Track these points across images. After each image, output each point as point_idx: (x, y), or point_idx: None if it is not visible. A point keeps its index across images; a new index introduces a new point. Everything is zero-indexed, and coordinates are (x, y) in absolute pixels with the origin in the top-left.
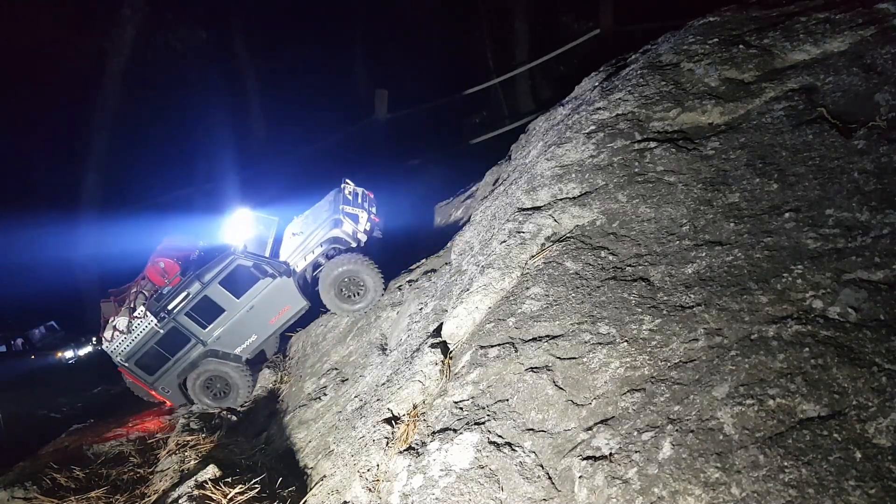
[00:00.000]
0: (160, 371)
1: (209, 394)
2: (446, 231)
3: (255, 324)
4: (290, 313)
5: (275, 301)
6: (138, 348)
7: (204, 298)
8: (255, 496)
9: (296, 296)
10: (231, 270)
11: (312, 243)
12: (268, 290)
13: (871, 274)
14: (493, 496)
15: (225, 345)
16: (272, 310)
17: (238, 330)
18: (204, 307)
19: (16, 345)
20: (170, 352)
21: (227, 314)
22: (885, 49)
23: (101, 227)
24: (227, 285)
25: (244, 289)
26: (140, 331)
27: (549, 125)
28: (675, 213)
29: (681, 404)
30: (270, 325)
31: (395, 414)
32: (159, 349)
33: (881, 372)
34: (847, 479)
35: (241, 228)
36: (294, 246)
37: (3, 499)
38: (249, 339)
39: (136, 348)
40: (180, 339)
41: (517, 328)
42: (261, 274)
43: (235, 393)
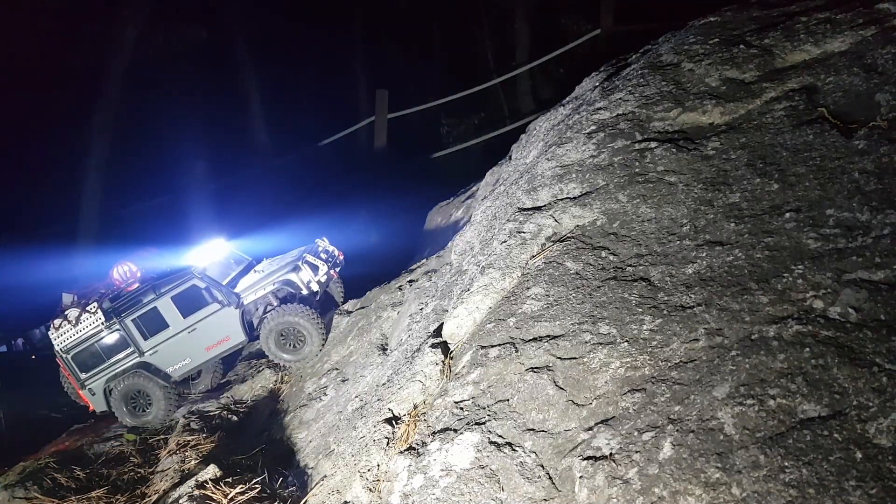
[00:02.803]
0: (93, 371)
1: (130, 406)
2: (446, 231)
3: (192, 347)
4: (227, 345)
5: (216, 329)
6: (80, 342)
7: (153, 310)
8: (255, 496)
9: (237, 329)
10: (185, 289)
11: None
12: (213, 316)
13: (872, 274)
14: (493, 496)
15: (158, 361)
16: (212, 337)
17: (175, 349)
18: (151, 318)
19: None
20: (107, 354)
21: (169, 330)
22: (885, 49)
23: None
24: (177, 302)
25: (192, 310)
26: (86, 325)
27: (549, 125)
28: (676, 213)
29: (681, 404)
30: (206, 353)
31: (395, 414)
32: (98, 349)
33: (882, 372)
34: (847, 479)
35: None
36: (251, 281)
37: (4, 499)
38: (183, 361)
39: (77, 342)
40: (120, 344)
41: (518, 328)
42: (211, 299)
43: (154, 412)
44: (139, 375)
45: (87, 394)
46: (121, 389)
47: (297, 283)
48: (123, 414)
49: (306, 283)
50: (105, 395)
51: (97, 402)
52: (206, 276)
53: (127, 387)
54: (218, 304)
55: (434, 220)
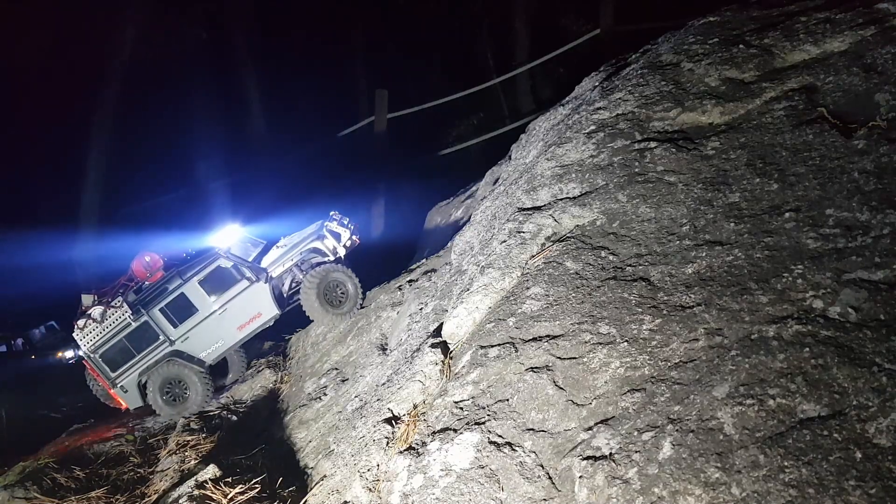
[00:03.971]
0: (123, 368)
1: (167, 397)
2: (446, 231)
3: (223, 328)
4: (259, 321)
5: (247, 307)
6: (107, 340)
7: (180, 296)
8: (255, 496)
9: (269, 303)
10: (212, 270)
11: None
12: (243, 294)
13: (872, 274)
14: (493, 496)
15: (191, 347)
16: (243, 316)
17: (206, 333)
18: (179, 305)
19: (16, 345)
20: (137, 348)
21: (198, 314)
22: (885, 49)
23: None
24: (204, 285)
25: (220, 291)
26: (113, 321)
27: (549, 125)
28: (676, 213)
29: (681, 404)
30: (238, 332)
31: (395, 414)
32: (127, 344)
33: (881, 372)
34: (847, 479)
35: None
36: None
37: (4, 499)
38: (216, 345)
39: (105, 339)
40: (149, 336)
41: (517, 328)
42: (239, 276)
43: (193, 399)
44: (173, 363)
45: (118, 392)
46: (155, 381)
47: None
48: (160, 406)
49: (332, 250)
50: (139, 389)
51: (131, 398)
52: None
53: (161, 377)
54: (246, 281)
55: (434, 220)
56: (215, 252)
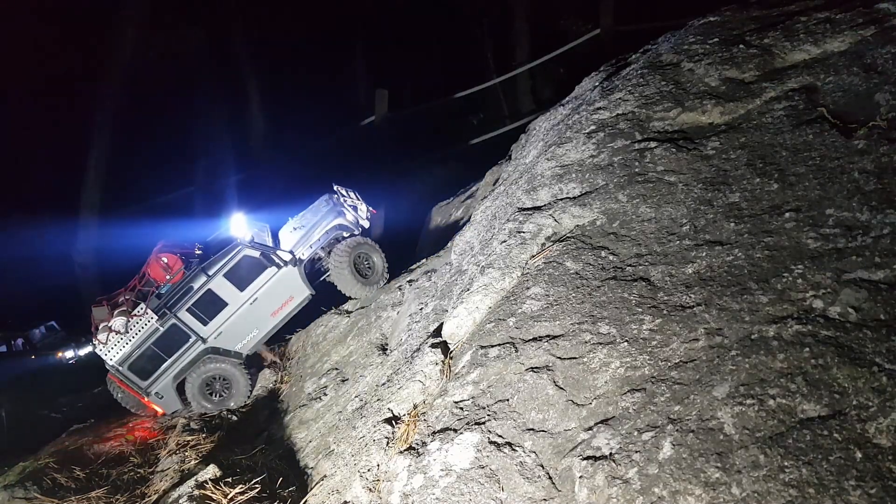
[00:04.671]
0: (155, 374)
1: (209, 395)
2: (446, 231)
3: (257, 317)
4: (292, 305)
5: (278, 292)
6: (134, 349)
7: (207, 292)
8: (255, 496)
9: (300, 285)
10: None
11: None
12: (272, 281)
13: (872, 274)
14: (493, 496)
15: (225, 341)
16: (275, 301)
17: (239, 325)
18: (207, 302)
19: (16, 345)
20: (167, 352)
21: (229, 308)
22: (885, 49)
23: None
24: (231, 277)
25: (248, 281)
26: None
27: (549, 125)
28: (676, 213)
29: (681, 404)
30: (272, 319)
31: (395, 414)
32: (157, 350)
33: (881, 372)
34: (847, 478)
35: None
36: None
37: (4, 499)
38: (251, 335)
39: (131, 350)
40: (180, 338)
41: (517, 328)
42: (268, 263)
43: (236, 392)
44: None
45: (153, 399)
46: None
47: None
48: (203, 405)
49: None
50: (176, 392)
51: (168, 403)
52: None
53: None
54: (275, 268)
55: (434, 220)
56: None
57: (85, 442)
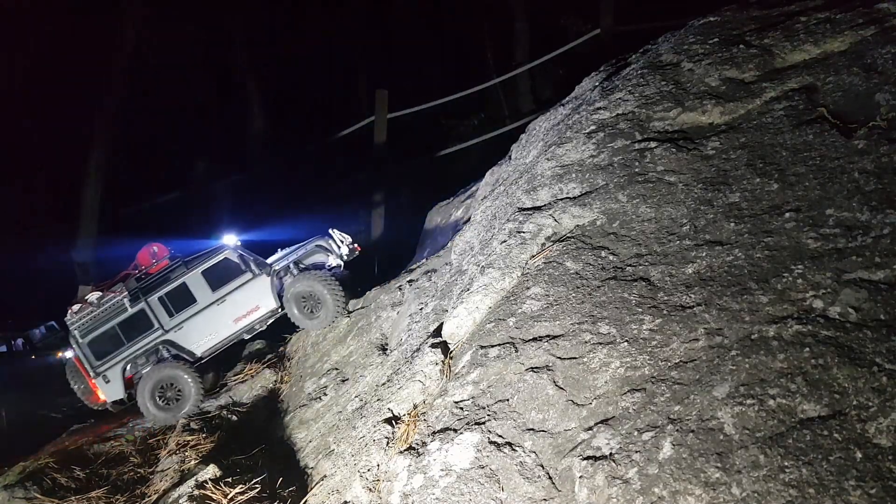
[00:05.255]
0: (109, 356)
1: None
2: (446, 231)
3: (219, 320)
4: (257, 314)
5: (246, 299)
6: (99, 325)
7: (182, 285)
8: (255, 496)
9: (269, 296)
10: (217, 262)
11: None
12: (244, 286)
13: (872, 274)
14: (493, 496)
15: (183, 338)
16: (241, 308)
17: (201, 324)
18: (178, 294)
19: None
20: (128, 336)
21: (196, 305)
22: (885, 49)
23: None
24: (208, 275)
25: (222, 283)
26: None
27: (549, 125)
28: (676, 213)
29: (681, 404)
30: (234, 324)
31: (395, 414)
32: (119, 331)
33: (881, 372)
34: (847, 479)
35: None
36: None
37: (4, 499)
38: (209, 336)
39: (97, 324)
40: (143, 324)
41: (517, 328)
42: (244, 267)
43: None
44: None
45: (99, 382)
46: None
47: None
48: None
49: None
50: (122, 381)
51: (111, 389)
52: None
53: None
54: (250, 274)
55: (434, 220)
56: (223, 245)
57: (85, 442)
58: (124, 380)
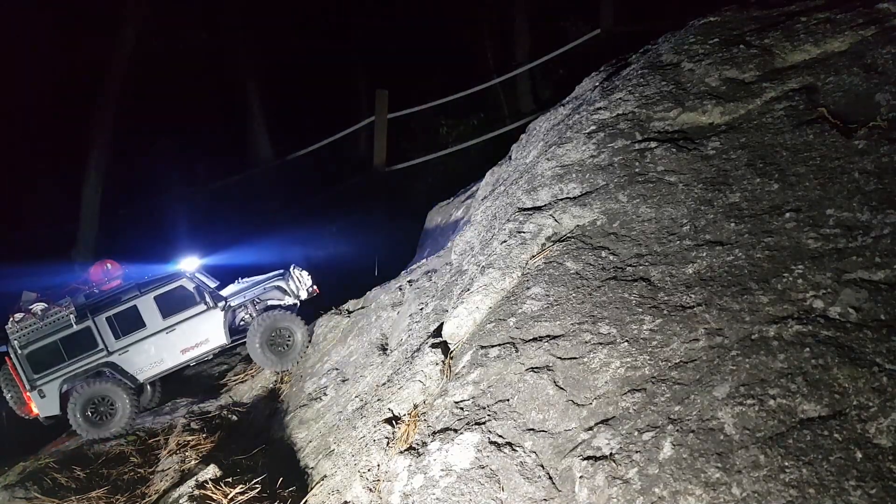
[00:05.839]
0: (48, 371)
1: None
2: (446, 231)
3: (167, 349)
4: (205, 348)
5: (196, 332)
6: (41, 337)
7: (132, 308)
8: (255, 496)
9: (220, 331)
10: (171, 289)
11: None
12: (196, 318)
13: (872, 274)
14: (493, 496)
15: (127, 362)
16: (190, 339)
17: (147, 351)
18: (127, 317)
19: None
20: (69, 353)
21: (144, 331)
22: (885, 49)
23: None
24: (160, 302)
25: (174, 311)
26: (54, 320)
27: (549, 125)
28: (676, 213)
29: (681, 404)
30: (181, 355)
31: (395, 414)
32: (61, 347)
33: (882, 372)
34: (848, 479)
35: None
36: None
37: (4, 499)
38: (153, 364)
39: (39, 336)
40: (87, 343)
41: (518, 328)
42: (198, 299)
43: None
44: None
45: (34, 395)
46: (79, 397)
47: (284, 288)
48: (80, 423)
49: (294, 292)
50: (59, 397)
51: (46, 405)
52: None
53: (87, 394)
54: (203, 305)
55: (434, 220)
56: (180, 273)
57: (85, 442)
58: (61, 396)
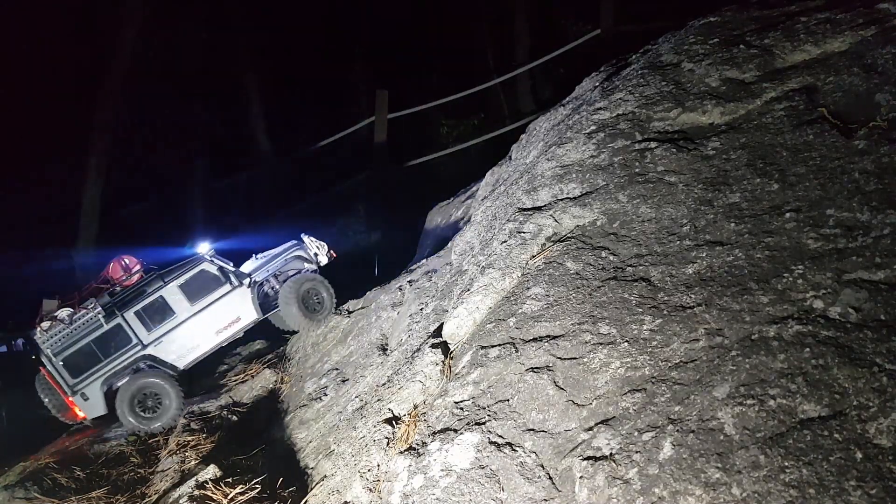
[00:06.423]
0: (86, 374)
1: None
2: (446, 231)
3: (200, 333)
4: (238, 326)
5: (227, 311)
6: (73, 342)
7: (159, 299)
8: (255, 496)
9: (250, 307)
10: (194, 274)
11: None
12: (224, 298)
13: (872, 274)
14: (493, 496)
15: (164, 352)
16: (222, 320)
17: (182, 338)
18: (156, 308)
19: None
20: (105, 352)
21: (175, 318)
22: (885, 49)
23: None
24: (185, 288)
25: (201, 295)
26: (82, 323)
27: (549, 125)
28: (676, 214)
29: (681, 404)
30: (215, 337)
31: (395, 414)
32: (95, 348)
33: (882, 372)
34: (848, 479)
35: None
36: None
37: (4, 499)
38: (191, 349)
39: (70, 342)
40: (121, 339)
41: (518, 328)
42: (224, 278)
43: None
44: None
45: (77, 400)
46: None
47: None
48: (130, 421)
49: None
50: (103, 397)
51: (91, 407)
52: (216, 259)
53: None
54: (229, 286)
55: (434, 220)
56: (199, 256)
57: (85, 442)
58: (105, 395)
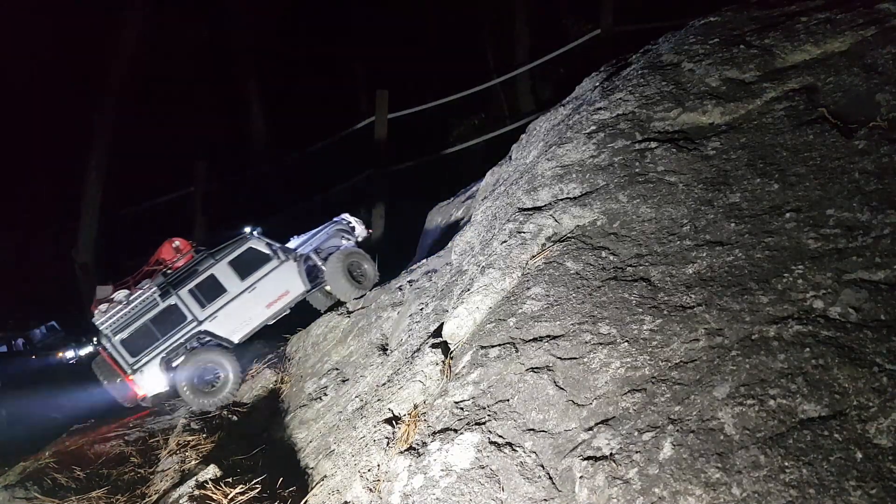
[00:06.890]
0: (145, 352)
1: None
2: (446, 231)
3: (252, 307)
4: (287, 298)
5: (276, 285)
6: (130, 322)
7: (210, 276)
8: (255, 496)
9: (297, 280)
10: (242, 251)
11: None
12: (272, 273)
13: (872, 274)
14: (493, 496)
15: (218, 327)
16: (272, 293)
17: (235, 312)
18: (208, 285)
19: (16, 345)
20: (161, 331)
21: (227, 294)
22: (885, 49)
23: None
24: (235, 265)
25: (250, 271)
26: (139, 303)
27: (549, 125)
28: (676, 214)
29: (681, 404)
30: (267, 310)
31: (395, 414)
32: (152, 327)
33: (882, 372)
34: (848, 479)
35: None
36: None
37: (4, 499)
38: (244, 323)
39: (128, 322)
40: (176, 317)
41: (518, 328)
42: (272, 254)
43: (227, 382)
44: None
45: (137, 378)
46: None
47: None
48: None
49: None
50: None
51: (151, 384)
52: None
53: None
54: (276, 260)
55: (434, 220)
56: (245, 234)
57: (85, 442)
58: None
